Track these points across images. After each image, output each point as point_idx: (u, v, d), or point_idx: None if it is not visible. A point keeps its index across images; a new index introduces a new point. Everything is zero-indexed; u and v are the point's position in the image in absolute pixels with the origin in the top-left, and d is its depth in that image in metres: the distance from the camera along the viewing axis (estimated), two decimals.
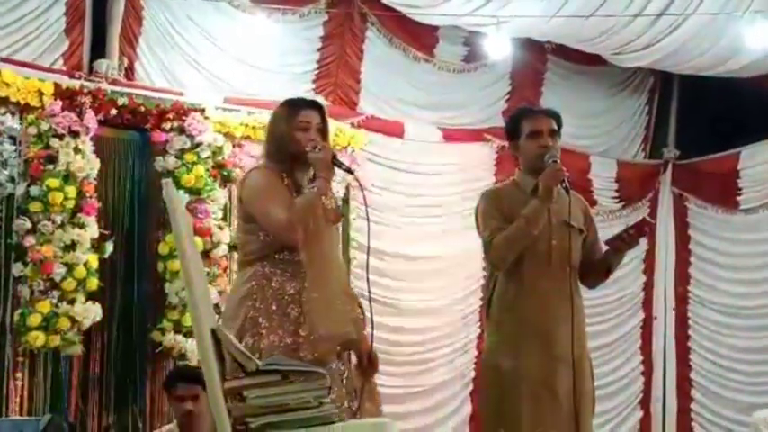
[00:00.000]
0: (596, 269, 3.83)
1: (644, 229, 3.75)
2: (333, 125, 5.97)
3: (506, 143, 4.03)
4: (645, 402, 7.44)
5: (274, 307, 3.28)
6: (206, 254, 5.19)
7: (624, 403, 7.28)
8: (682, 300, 7.50)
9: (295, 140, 3.40)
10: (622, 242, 3.71)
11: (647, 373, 7.47)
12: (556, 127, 3.77)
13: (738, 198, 7.17)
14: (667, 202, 7.61)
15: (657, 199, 7.62)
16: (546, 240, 3.64)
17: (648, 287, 7.55)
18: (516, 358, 3.64)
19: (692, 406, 7.33)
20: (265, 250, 3.33)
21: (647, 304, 7.54)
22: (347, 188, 6.10)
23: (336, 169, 3.44)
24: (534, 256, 3.64)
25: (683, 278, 7.53)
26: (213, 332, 2.68)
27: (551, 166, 3.59)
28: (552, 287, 3.64)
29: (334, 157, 3.41)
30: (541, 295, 3.65)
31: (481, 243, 3.73)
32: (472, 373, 6.48)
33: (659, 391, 7.45)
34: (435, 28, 6.63)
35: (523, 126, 3.75)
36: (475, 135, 6.80)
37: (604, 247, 3.84)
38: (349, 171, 3.60)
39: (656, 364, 7.49)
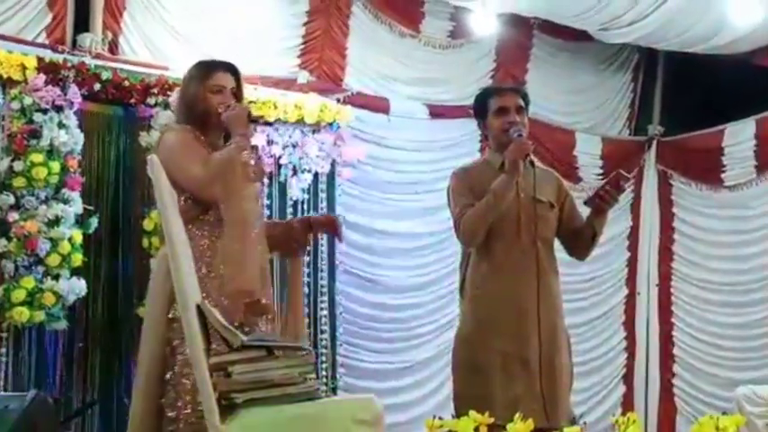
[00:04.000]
0: (582, 236, 3.86)
1: (620, 183, 3.76)
2: (318, 101, 6.00)
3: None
4: (628, 378, 7.49)
5: (204, 270, 3.27)
6: None
7: (607, 379, 7.33)
8: (665, 276, 7.54)
9: (208, 103, 3.39)
10: (601, 200, 3.73)
11: (630, 349, 7.52)
12: (522, 103, 3.84)
13: (723, 175, 7.20)
14: (652, 178, 7.63)
15: (642, 176, 7.64)
16: (514, 216, 3.70)
17: (632, 264, 7.59)
18: (487, 333, 3.69)
19: (675, 382, 7.39)
20: (190, 212, 3.30)
21: (631, 281, 7.58)
22: (332, 163, 6.10)
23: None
24: (503, 231, 3.70)
25: (666, 255, 7.56)
26: (198, 308, 2.68)
27: (516, 140, 3.65)
28: (522, 262, 3.70)
29: (249, 113, 3.39)
30: (511, 271, 3.70)
31: (452, 221, 3.78)
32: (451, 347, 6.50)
33: (642, 367, 7.50)
34: (421, 3, 6.61)
35: (490, 104, 3.84)
36: (461, 111, 6.78)
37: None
38: (267, 123, 3.52)
39: (639, 341, 7.54)
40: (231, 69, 3.55)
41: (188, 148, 3.37)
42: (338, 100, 6.19)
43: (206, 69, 3.53)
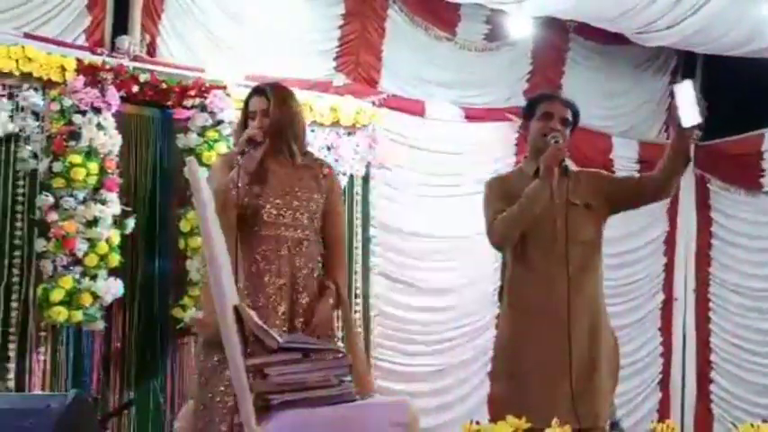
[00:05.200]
0: (668, 168, 3.76)
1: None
2: (354, 104, 6.01)
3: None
4: (664, 384, 7.43)
5: None
6: None
7: (643, 385, 7.28)
8: (703, 281, 7.47)
9: (246, 128, 3.56)
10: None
11: (667, 354, 7.46)
12: (569, 116, 3.82)
13: (762, 179, 7.12)
14: (689, 183, 7.57)
15: (679, 180, 7.57)
16: (550, 221, 3.68)
17: (669, 268, 7.53)
18: (523, 339, 3.69)
19: (712, 388, 7.32)
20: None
21: (668, 286, 7.52)
22: (367, 166, 6.11)
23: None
24: (539, 237, 3.70)
25: (704, 260, 7.49)
26: (236, 309, 2.69)
27: (553, 145, 3.65)
28: (557, 267, 3.67)
29: (248, 140, 3.49)
30: (546, 276, 3.69)
31: (485, 226, 3.78)
32: (491, 353, 6.48)
33: (679, 372, 7.44)
34: (457, 6, 6.60)
35: (538, 108, 3.84)
36: (496, 114, 6.78)
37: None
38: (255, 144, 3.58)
39: (676, 346, 7.48)
40: (261, 92, 3.66)
41: (217, 173, 3.55)
42: (373, 103, 6.20)
43: (247, 96, 3.70)
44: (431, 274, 6.45)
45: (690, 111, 3.54)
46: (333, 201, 3.74)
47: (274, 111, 3.61)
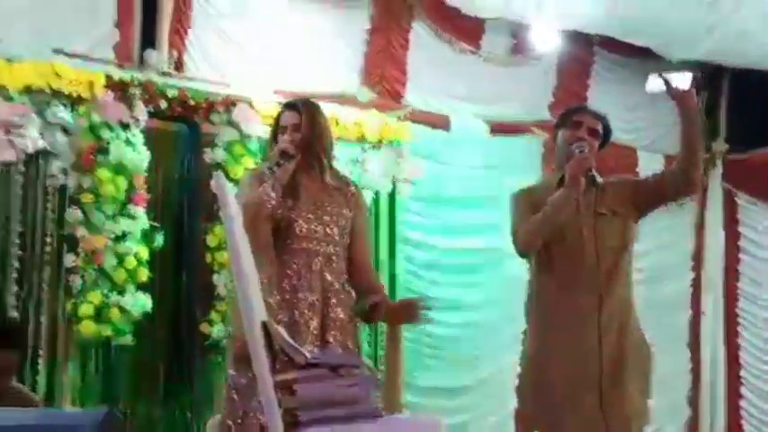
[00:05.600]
0: (685, 150, 3.74)
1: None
2: (379, 118, 6.02)
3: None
4: (694, 400, 7.37)
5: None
6: None
7: (672, 400, 7.23)
8: (731, 296, 7.41)
9: (277, 143, 3.59)
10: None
11: (696, 370, 7.40)
12: (600, 129, 3.82)
13: None
14: (717, 197, 7.52)
15: (707, 194, 7.54)
16: (576, 231, 3.68)
17: (697, 283, 7.48)
18: (550, 353, 3.68)
19: (742, 404, 7.26)
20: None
21: (696, 301, 7.47)
22: (393, 181, 6.12)
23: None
24: (566, 248, 3.69)
25: (732, 274, 7.44)
26: (264, 325, 2.70)
27: (578, 155, 3.65)
28: (585, 278, 3.66)
29: (281, 153, 3.53)
30: (575, 286, 3.68)
31: (510, 234, 3.79)
32: (518, 369, 6.46)
33: (708, 388, 7.38)
34: (482, 20, 6.61)
35: (568, 118, 3.84)
36: (521, 128, 6.77)
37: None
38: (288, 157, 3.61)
39: (705, 362, 7.42)
40: (293, 106, 3.70)
41: (246, 188, 3.60)
42: (399, 117, 6.21)
43: (278, 113, 3.73)
44: (456, 289, 6.43)
45: (678, 80, 3.58)
46: (360, 219, 3.76)
47: (306, 126, 3.63)
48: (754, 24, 6.04)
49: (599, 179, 3.76)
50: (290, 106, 3.73)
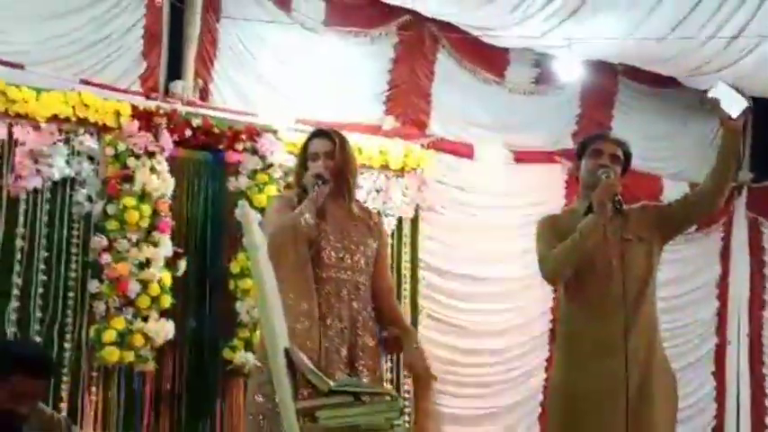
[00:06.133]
0: (718, 170, 3.72)
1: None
2: (403, 146, 6.04)
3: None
4: (718, 429, 7.30)
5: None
6: None
7: (698, 428, 7.15)
8: (756, 325, 7.35)
9: (306, 169, 3.59)
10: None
11: (720, 399, 7.33)
12: (620, 154, 3.82)
13: None
14: (742, 225, 7.48)
15: (732, 223, 7.49)
16: (605, 259, 3.66)
17: (722, 312, 7.42)
18: (578, 378, 3.66)
19: None
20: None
21: (721, 329, 7.41)
22: (416, 209, 6.13)
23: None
24: (594, 275, 3.67)
25: (757, 303, 7.38)
26: (286, 352, 2.70)
27: (604, 181, 3.64)
28: (615, 305, 3.64)
29: (316, 176, 3.50)
30: (603, 313, 3.66)
31: (537, 261, 3.77)
32: (540, 396, 6.43)
33: (733, 417, 7.30)
34: (506, 50, 6.63)
35: (589, 147, 3.84)
36: (545, 157, 6.77)
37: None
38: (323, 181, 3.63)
39: (730, 391, 7.35)
40: (325, 134, 3.73)
41: (276, 213, 3.58)
42: (422, 145, 6.23)
43: (307, 140, 3.73)
44: (480, 316, 6.42)
45: (733, 102, 3.54)
46: (383, 248, 3.79)
47: (339, 154, 3.66)
48: None
49: (624, 206, 3.74)
50: (321, 134, 3.76)
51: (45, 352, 4.44)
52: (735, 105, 3.55)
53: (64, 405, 4.79)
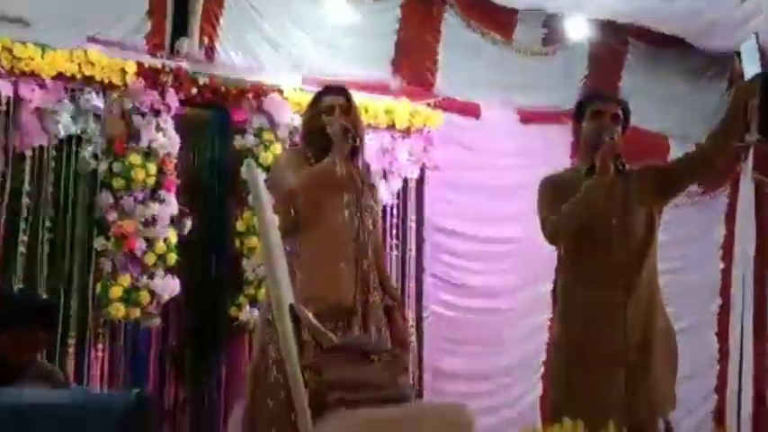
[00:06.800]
0: (721, 130, 3.72)
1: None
2: (409, 106, 6.03)
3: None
4: (720, 388, 7.34)
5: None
6: None
7: (700, 388, 7.19)
8: (761, 286, 7.37)
9: (320, 122, 3.60)
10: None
11: (724, 359, 7.37)
12: (620, 113, 3.81)
13: None
14: (748, 187, 7.46)
15: (738, 184, 7.48)
16: (606, 220, 3.67)
17: (726, 273, 7.43)
18: (577, 339, 3.69)
19: None
20: (290, 229, 3.47)
21: (725, 290, 7.42)
22: (421, 168, 6.12)
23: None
24: (595, 236, 3.68)
25: (762, 264, 7.39)
26: (292, 309, 2.73)
27: (607, 141, 3.65)
28: (615, 267, 3.66)
29: (345, 129, 3.55)
30: (603, 274, 3.68)
31: (539, 222, 3.79)
32: (543, 356, 6.46)
33: (735, 377, 7.34)
34: (514, 10, 6.58)
35: (588, 108, 3.84)
36: (552, 117, 6.75)
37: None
38: (354, 140, 3.66)
39: (733, 351, 7.38)
40: (340, 91, 3.76)
41: (288, 164, 3.61)
42: (429, 105, 6.21)
43: (318, 95, 3.76)
44: (484, 276, 6.43)
45: (751, 64, 3.53)
46: (379, 208, 3.85)
47: (354, 110, 3.70)
48: None
49: (626, 166, 3.74)
50: (336, 90, 3.77)
51: (47, 303, 4.48)
52: (751, 68, 3.54)
53: (71, 360, 4.82)
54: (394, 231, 6.03)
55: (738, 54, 3.62)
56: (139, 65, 5.11)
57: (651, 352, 3.68)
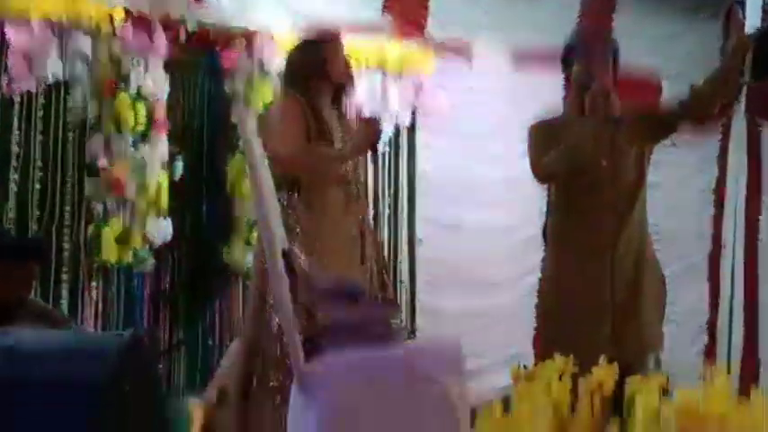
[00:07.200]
0: (716, 79, 3.71)
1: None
2: (400, 48, 5.97)
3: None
4: (711, 330, 7.41)
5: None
6: None
7: (690, 330, 7.26)
8: (752, 229, 7.39)
9: (317, 74, 3.58)
10: None
11: (714, 302, 7.42)
12: (610, 54, 3.80)
13: None
14: (740, 128, 7.45)
15: (730, 126, 7.47)
16: (596, 164, 3.69)
17: (717, 216, 7.45)
18: (567, 277, 3.73)
19: (760, 334, 7.28)
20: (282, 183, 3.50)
21: (717, 234, 7.45)
22: (414, 112, 6.10)
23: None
24: (585, 178, 3.70)
25: (754, 207, 7.40)
26: (284, 252, 2.73)
27: (596, 84, 3.65)
28: (605, 207, 3.68)
29: (377, 137, 3.55)
30: (593, 216, 3.71)
31: (530, 164, 3.80)
32: (536, 295, 6.48)
33: (726, 319, 7.40)
34: None
35: (576, 50, 3.83)
36: (545, 58, 6.68)
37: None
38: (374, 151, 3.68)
39: (724, 294, 7.43)
40: (336, 38, 3.73)
41: (291, 121, 3.58)
42: (420, 47, 6.15)
43: (313, 39, 3.72)
44: (476, 216, 6.44)
45: (752, 16, 3.54)
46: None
47: (347, 59, 3.69)
48: None
49: (616, 108, 3.74)
50: (332, 37, 3.73)
51: (27, 237, 4.47)
52: (751, 20, 3.53)
53: (64, 303, 4.84)
54: (387, 178, 6.02)
55: (741, 3, 3.59)
56: (128, 10, 5.04)
57: (640, 292, 3.72)
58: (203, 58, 5.41)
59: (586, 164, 3.65)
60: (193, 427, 3.80)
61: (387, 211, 5.99)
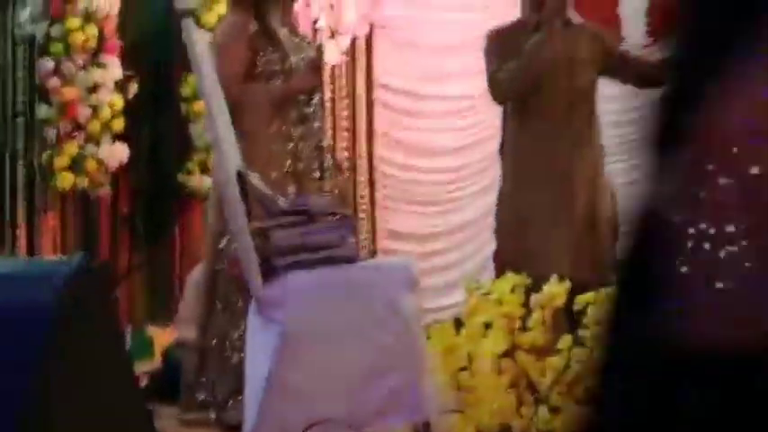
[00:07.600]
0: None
1: None
2: None
3: None
4: None
5: None
6: None
7: None
8: None
9: None
10: None
11: None
12: None
13: None
14: None
15: None
16: (552, 79, 3.66)
17: None
18: (524, 191, 3.74)
19: None
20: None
21: None
22: (371, 25, 6.01)
23: None
24: (541, 93, 3.67)
25: None
26: (239, 174, 2.70)
27: None
28: (562, 122, 3.68)
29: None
30: (550, 131, 3.70)
31: (486, 79, 3.77)
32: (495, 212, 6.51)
33: None
34: None
35: None
36: None
37: None
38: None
39: None
40: None
41: (234, 46, 3.50)
42: None
43: None
44: (435, 134, 6.41)
45: None
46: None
47: None
48: None
49: (574, 20, 3.69)
50: None
51: None
52: None
53: (21, 231, 4.79)
54: (343, 92, 5.95)
55: None
56: None
57: (597, 208, 3.74)
58: None
59: (542, 78, 3.62)
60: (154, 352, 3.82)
61: (344, 124, 5.94)
